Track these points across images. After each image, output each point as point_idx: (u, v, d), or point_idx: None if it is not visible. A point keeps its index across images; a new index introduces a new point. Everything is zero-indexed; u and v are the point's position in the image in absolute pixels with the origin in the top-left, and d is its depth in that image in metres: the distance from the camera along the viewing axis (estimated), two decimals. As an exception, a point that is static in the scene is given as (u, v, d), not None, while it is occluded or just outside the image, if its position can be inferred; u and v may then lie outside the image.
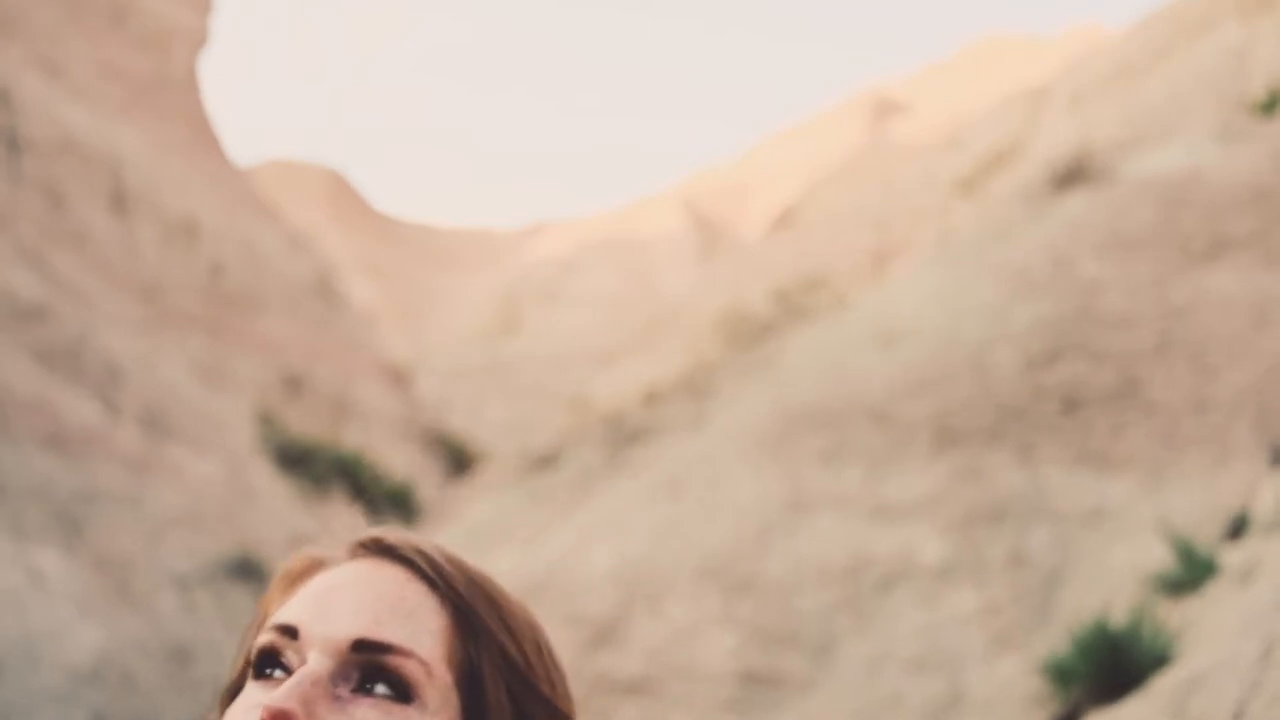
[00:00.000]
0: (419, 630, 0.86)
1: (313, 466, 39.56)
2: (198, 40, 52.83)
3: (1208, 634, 8.74)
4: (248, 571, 30.45)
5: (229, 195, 52.54)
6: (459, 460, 57.62)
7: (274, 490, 36.91)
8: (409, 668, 0.85)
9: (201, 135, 54.16)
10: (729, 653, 12.76)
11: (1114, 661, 8.92)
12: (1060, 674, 9.75)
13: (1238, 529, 11.74)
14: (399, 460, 51.86)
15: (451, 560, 0.92)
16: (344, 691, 0.85)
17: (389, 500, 39.63)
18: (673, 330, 66.73)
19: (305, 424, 49.42)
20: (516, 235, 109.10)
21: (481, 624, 0.88)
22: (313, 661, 0.85)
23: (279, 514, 35.27)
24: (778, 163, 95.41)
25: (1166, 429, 14.53)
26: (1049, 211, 20.31)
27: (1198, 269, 16.75)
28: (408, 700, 0.84)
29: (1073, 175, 21.70)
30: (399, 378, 60.78)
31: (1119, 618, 9.78)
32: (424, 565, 0.90)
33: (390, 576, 0.89)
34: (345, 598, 0.87)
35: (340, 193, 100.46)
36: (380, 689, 0.84)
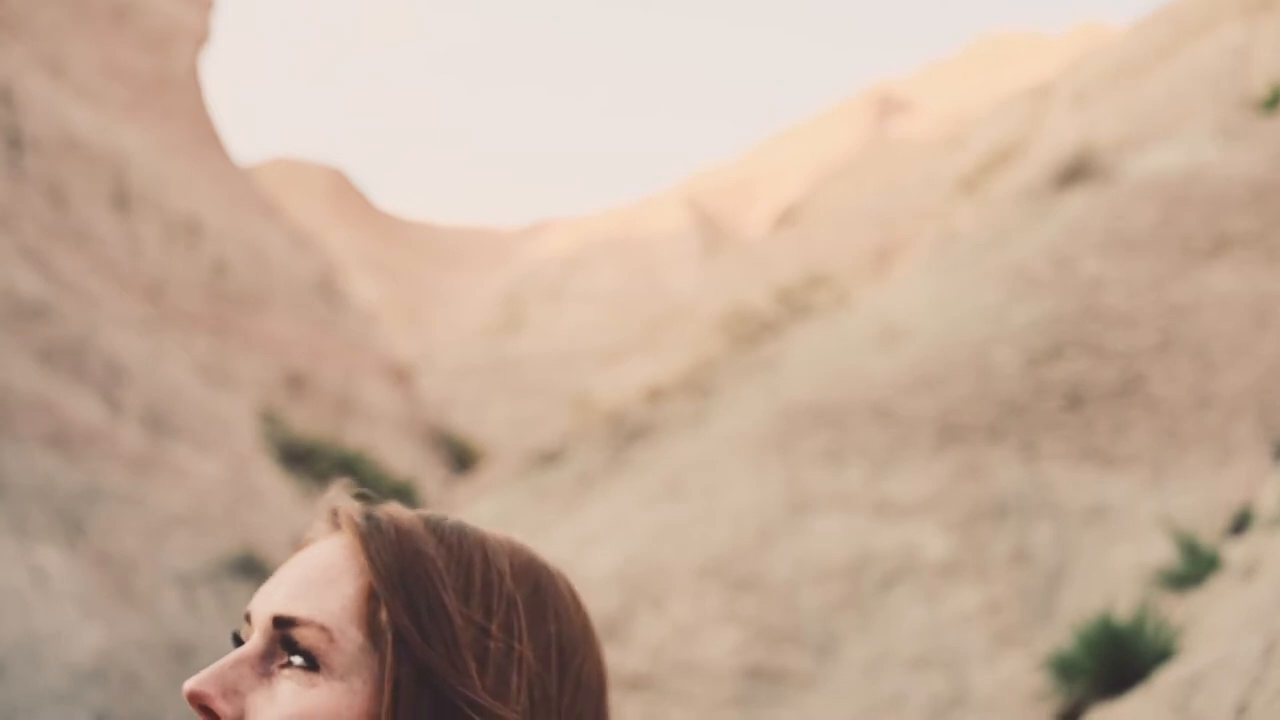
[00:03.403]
0: (331, 597, 0.87)
1: (315, 465, 39.60)
2: (200, 39, 52.88)
3: (1211, 630, 8.75)
4: (250, 570, 30.48)
5: (232, 194, 52.56)
6: (462, 458, 57.65)
7: (277, 489, 36.93)
8: (310, 637, 0.87)
9: (204, 134, 54.19)
10: (732, 650, 12.77)
11: (1117, 657, 8.93)
12: (1063, 670, 9.76)
13: (1240, 525, 11.74)
14: (402, 458, 51.88)
15: (395, 520, 0.92)
16: (274, 667, 0.87)
17: (392, 498, 39.68)
18: (676, 328, 66.70)
19: (308, 423, 49.44)
20: (520, 234, 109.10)
21: (389, 579, 0.88)
22: (248, 642, 0.88)
23: (282, 513, 35.29)
24: (781, 161, 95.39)
25: (1168, 426, 14.54)
26: (1051, 210, 20.31)
27: (1199, 268, 16.75)
28: (317, 669, 0.86)
29: (1074, 174, 21.70)
30: (402, 376, 60.78)
31: (1122, 614, 9.78)
32: (358, 530, 0.91)
33: (331, 547, 0.91)
34: (281, 576, 0.90)
35: (343, 191, 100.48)
36: (296, 660, 0.86)
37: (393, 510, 0.95)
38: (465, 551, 0.91)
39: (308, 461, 40.22)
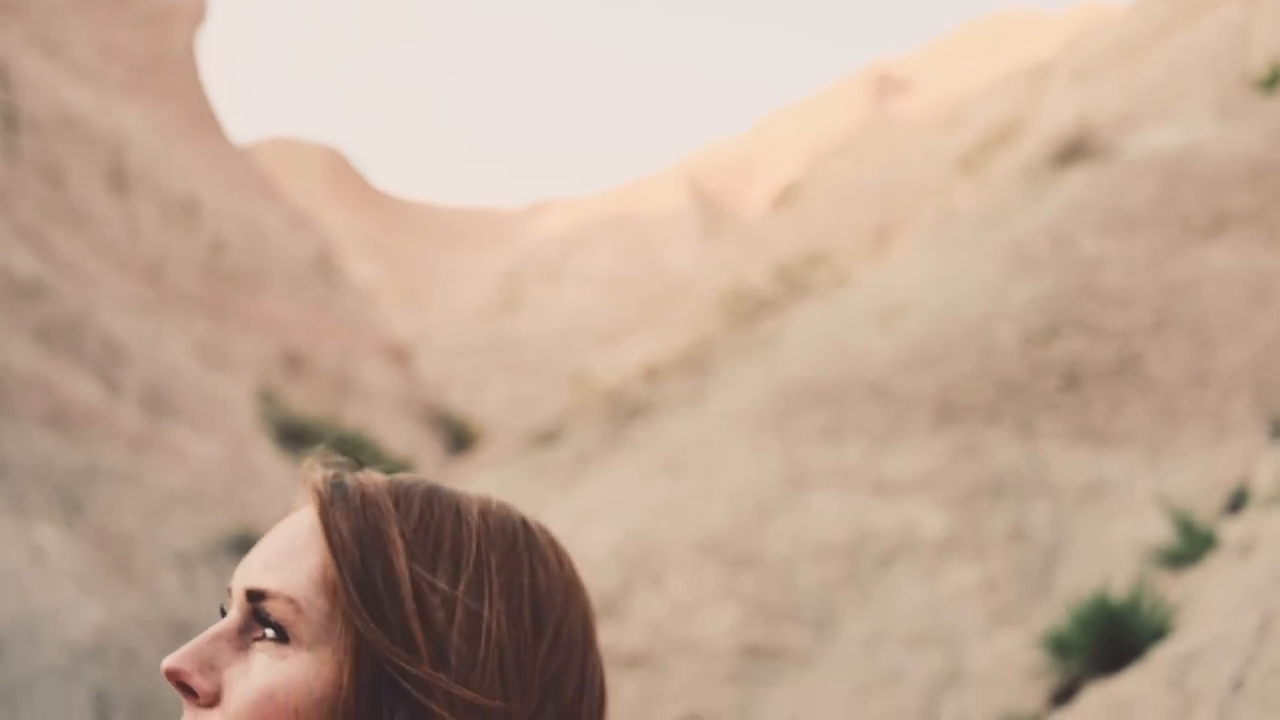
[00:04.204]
0: (300, 568, 0.87)
1: (314, 445, 39.50)
2: (196, 18, 52.76)
3: (1206, 607, 8.76)
4: (249, 549, 30.44)
5: (229, 174, 52.49)
6: (460, 438, 57.67)
7: (275, 469, 37.02)
8: (279, 609, 0.87)
9: (201, 114, 54.09)
10: (730, 627, 12.79)
11: (1113, 634, 8.95)
12: (1059, 647, 9.79)
13: (1237, 503, 11.76)
14: (400, 438, 51.93)
15: (361, 487, 0.92)
16: (250, 640, 0.88)
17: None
18: (674, 307, 66.67)
19: (306, 402, 49.45)
20: (518, 214, 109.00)
21: (342, 549, 0.88)
22: (227, 617, 0.89)
23: (280, 492, 35.36)
24: (780, 140, 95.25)
25: (1166, 405, 14.55)
26: (1049, 189, 20.29)
27: (1197, 246, 16.74)
28: (287, 641, 0.86)
29: (1073, 152, 21.66)
30: (400, 356, 60.77)
31: (1118, 592, 9.81)
32: (318, 499, 0.91)
33: (303, 517, 0.90)
34: (258, 548, 0.90)
35: (340, 171, 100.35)
36: (269, 633, 0.87)
37: (363, 477, 0.94)
38: (435, 515, 0.90)
39: (306, 441, 40.29)
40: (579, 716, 0.91)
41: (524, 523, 0.93)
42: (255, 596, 0.88)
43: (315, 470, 0.94)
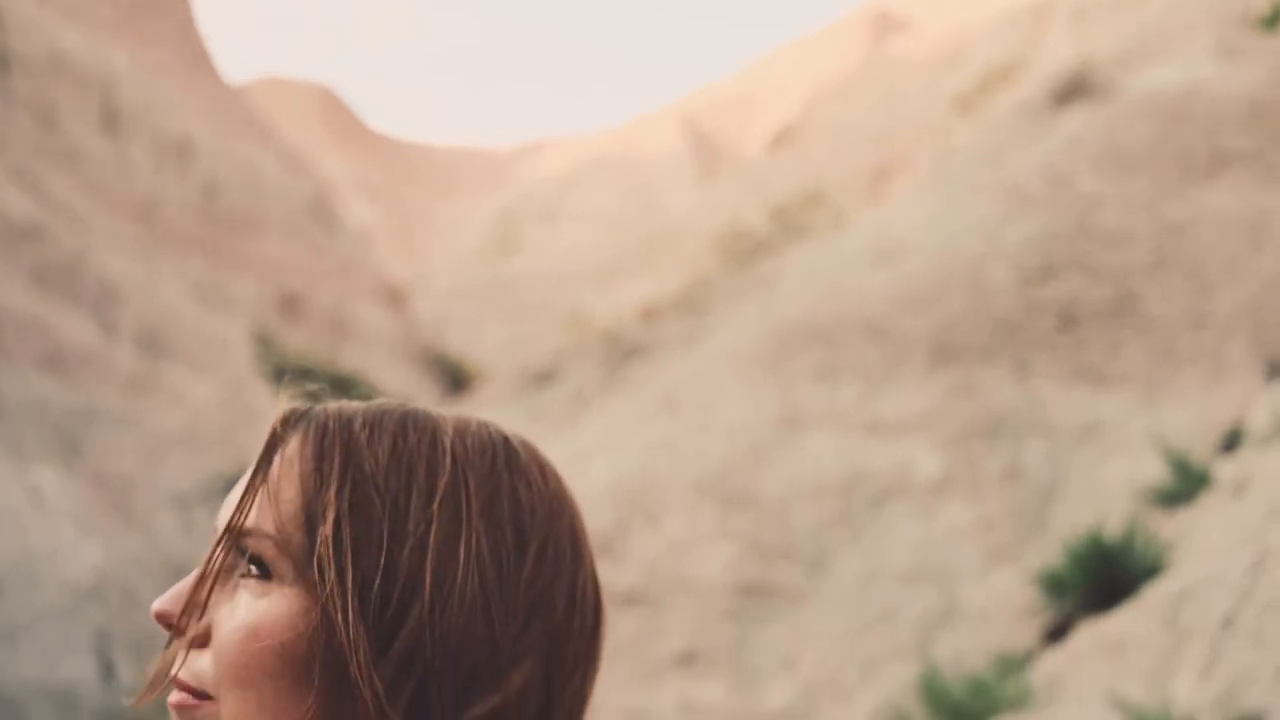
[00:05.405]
0: (279, 502, 0.86)
1: (308, 384, 39.61)
2: (189, -44, 52.29)
3: (1200, 546, 8.81)
4: (247, 490, 30.53)
5: (222, 114, 52.13)
6: (457, 379, 57.78)
7: (270, 409, 37.03)
8: (259, 545, 0.86)
9: (193, 53, 53.67)
10: (725, 565, 12.86)
11: (1106, 572, 9.00)
12: (1053, 585, 9.85)
13: (1231, 443, 11.79)
14: (397, 380, 51.97)
15: (330, 417, 0.91)
16: (236, 577, 0.87)
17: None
18: (671, 248, 66.53)
19: (302, 344, 49.45)
20: (514, 154, 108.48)
21: (309, 474, 0.87)
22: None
23: (278, 433, 35.34)
24: (777, 80, 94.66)
25: (1162, 345, 14.55)
26: (1048, 128, 20.18)
27: (1196, 186, 16.68)
28: (270, 577, 0.86)
29: (1073, 91, 21.52)
30: (396, 298, 60.71)
31: (1112, 531, 9.85)
32: (275, 433, 0.90)
33: (283, 449, 0.89)
34: (239, 485, 0.89)
35: (333, 111, 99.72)
36: (253, 569, 0.86)
37: (336, 406, 0.92)
38: (409, 439, 0.88)
39: (300, 381, 40.25)
40: (571, 634, 0.89)
41: (505, 440, 0.91)
42: (237, 533, 0.87)
43: (287, 402, 0.93)
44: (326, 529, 0.84)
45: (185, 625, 0.87)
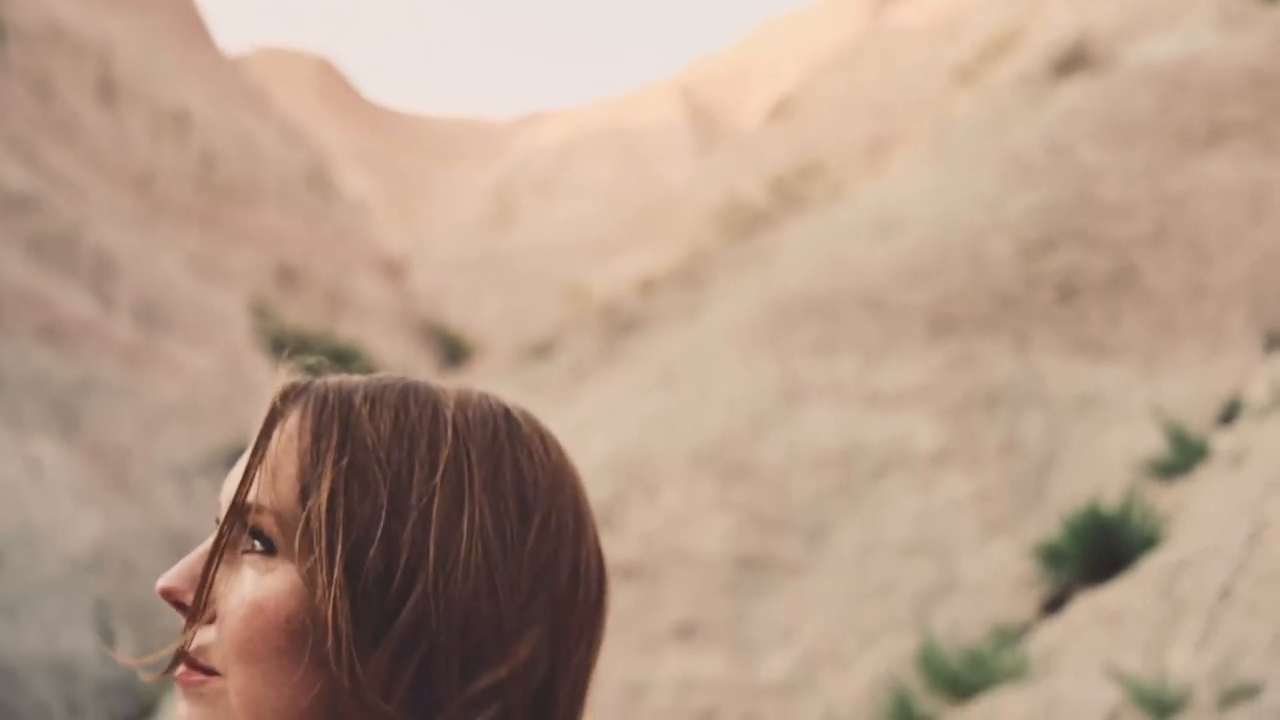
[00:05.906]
0: (280, 478, 0.86)
1: (307, 358, 39.64)
2: (184, -75, 52.04)
3: (1197, 517, 8.82)
4: (245, 462, 30.58)
5: (219, 85, 51.94)
6: (454, 351, 57.77)
7: (270, 383, 37.08)
8: (262, 521, 0.86)
9: (191, 24, 53.44)
10: (724, 538, 12.88)
11: (1104, 544, 9.02)
12: (1051, 557, 9.87)
13: (1230, 415, 11.80)
14: (395, 352, 51.97)
15: (329, 392, 0.90)
16: (239, 553, 0.87)
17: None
18: (669, 220, 66.43)
19: (300, 316, 49.41)
20: (512, 125, 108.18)
21: (308, 448, 0.87)
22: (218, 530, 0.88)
23: (276, 405, 35.39)
24: (776, 50, 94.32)
25: (1162, 317, 14.54)
26: (1048, 99, 20.12)
27: (1195, 157, 16.63)
28: (274, 553, 0.86)
29: (1073, 62, 21.45)
30: (394, 269, 60.63)
31: (1110, 503, 9.87)
32: (274, 409, 0.90)
33: (285, 423, 0.89)
34: (242, 459, 0.89)
35: (331, 81, 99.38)
36: (257, 544, 0.86)
37: (336, 380, 0.92)
38: (411, 412, 0.88)
39: (300, 354, 40.29)
40: (575, 605, 0.89)
41: (506, 412, 0.91)
42: (239, 509, 0.87)
43: (286, 376, 0.92)
44: (321, 500, 0.83)
45: (192, 602, 0.87)
